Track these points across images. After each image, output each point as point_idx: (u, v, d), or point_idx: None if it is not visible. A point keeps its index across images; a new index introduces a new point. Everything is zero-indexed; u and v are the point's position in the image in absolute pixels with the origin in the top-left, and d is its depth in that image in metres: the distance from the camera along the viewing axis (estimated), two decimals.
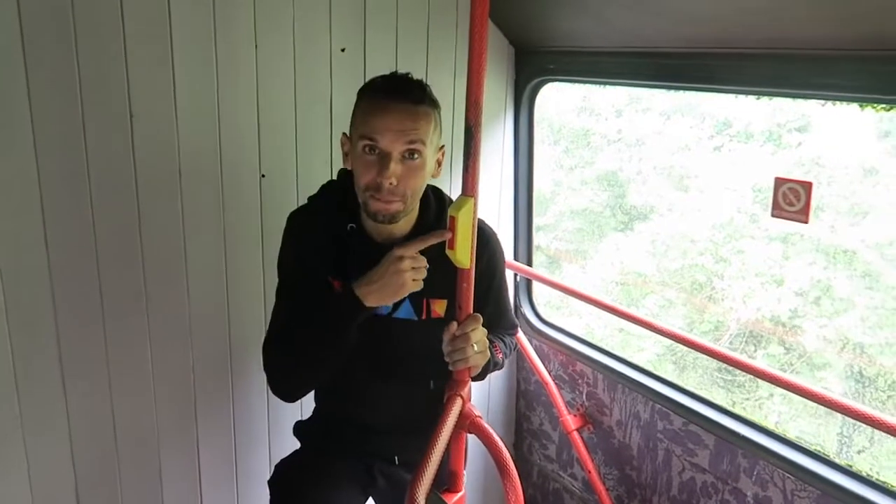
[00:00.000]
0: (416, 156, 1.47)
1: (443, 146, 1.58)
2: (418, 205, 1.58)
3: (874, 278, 3.54)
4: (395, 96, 1.45)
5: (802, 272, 3.80)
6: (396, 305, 1.61)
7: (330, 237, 1.60)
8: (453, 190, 2.26)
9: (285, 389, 1.64)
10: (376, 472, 1.76)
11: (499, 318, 1.78)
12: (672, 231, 4.65)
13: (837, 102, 1.79)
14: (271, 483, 1.76)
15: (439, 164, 1.58)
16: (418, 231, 1.58)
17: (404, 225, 1.59)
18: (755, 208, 4.26)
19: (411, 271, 1.46)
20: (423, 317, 1.63)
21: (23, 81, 1.64)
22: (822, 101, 2.02)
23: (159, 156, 1.86)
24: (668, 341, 4.40)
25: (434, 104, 1.52)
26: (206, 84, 1.88)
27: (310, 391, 1.73)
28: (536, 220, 2.66)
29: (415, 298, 1.59)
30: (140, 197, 1.85)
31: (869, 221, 3.50)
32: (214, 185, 1.96)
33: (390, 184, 1.45)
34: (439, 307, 1.64)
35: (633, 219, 4.97)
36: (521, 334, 2.56)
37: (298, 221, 1.66)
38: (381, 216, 1.49)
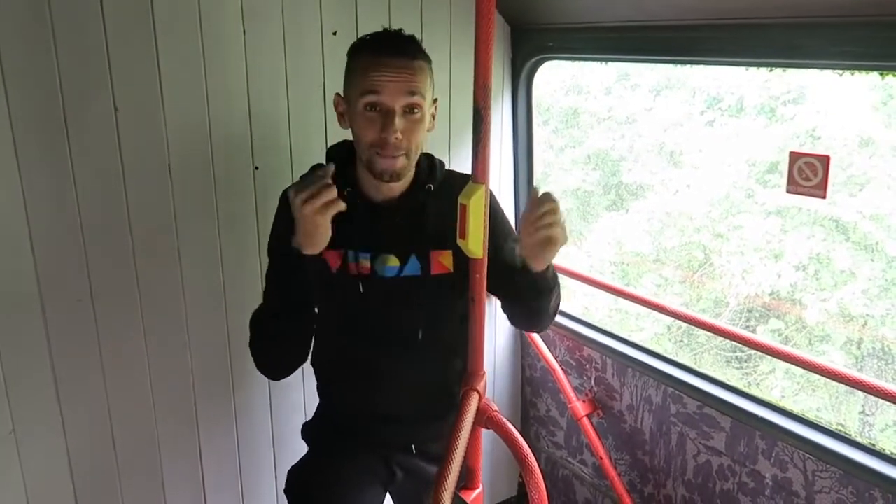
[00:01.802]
0: (416, 110, 1.48)
1: (436, 99, 1.58)
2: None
3: (875, 250, 3.53)
4: (391, 52, 1.45)
5: (801, 245, 3.78)
6: (404, 263, 1.59)
7: None
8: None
9: (264, 364, 1.64)
10: (394, 465, 1.73)
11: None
12: (667, 208, 4.61)
13: (856, 72, 1.73)
14: (287, 491, 1.71)
15: (433, 117, 1.58)
16: (413, 190, 1.60)
17: (402, 184, 1.59)
18: (750, 182, 4.22)
19: (316, 211, 1.36)
20: (430, 271, 1.61)
21: None
22: (841, 72, 1.96)
23: (147, 151, 1.77)
24: (667, 320, 4.39)
25: (427, 57, 1.52)
26: (193, 74, 1.79)
27: (293, 364, 1.66)
28: None
29: (421, 252, 1.60)
30: (129, 194, 1.76)
31: (867, 193, 3.48)
32: (206, 179, 1.88)
33: (396, 138, 1.45)
34: (445, 259, 1.62)
35: (627, 197, 4.92)
36: None
37: (288, 198, 1.60)
38: (387, 174, 1.50)
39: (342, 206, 1.40)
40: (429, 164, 1.65)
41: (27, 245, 1.65)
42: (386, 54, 1.44)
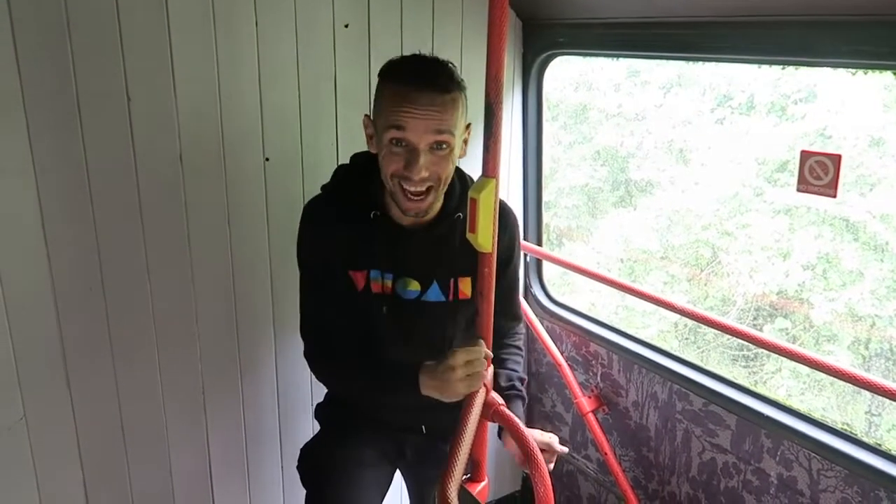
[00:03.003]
0: (444, 146, 1.43)
1: (469, 124, 1.53)
2: None
3: (884, 251, 3.51)
4: (421, 86, 1.39)
5: (809, 245, 3.76)
6: (425, 288, 1.60)
7: (350, 227, 1.56)
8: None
9: (323, 384, 1.71)
10: (405, 445, 1.77)
11: (508, 304, 1.77)
12: (675, 206, 4.59)
13: (870, 71, 1.72)
14: (300, 467, 1.77)
15: (465, 142, 1.54)
16: (444, 214, 1.58)
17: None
18: (759, 181, 4.20)
19: (465, 378, 1.42)
20: (451, 297, 1.62)
21: (13, 65, 1.55)
22: (854, 70, 1.95)
23: (159, 140, 1.78)
24: (673, 318, 4.38)
25: (461, 87, 1.46)
26: (205, 65, 1.80)
27: None
28: None
29: (443, 279, 1.60)
30: (140, 183, 1.78)
31: (877, 193, 3.46)
32: (217, 170, 1.89)
33: (421, 177, 1.42)
34: (465, 286, 1.63)
35: (635, 194, 4.91)
36: (532, 316, 2.52)
37: (314, 213, 1.61)
38: (411, 213, 1.48)
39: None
40: (461, 187, 1.61)
41: (39, 233, 1.67)
42: (415, 87, 1.38)
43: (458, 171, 1.64)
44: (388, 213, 1.56)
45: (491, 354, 1.47)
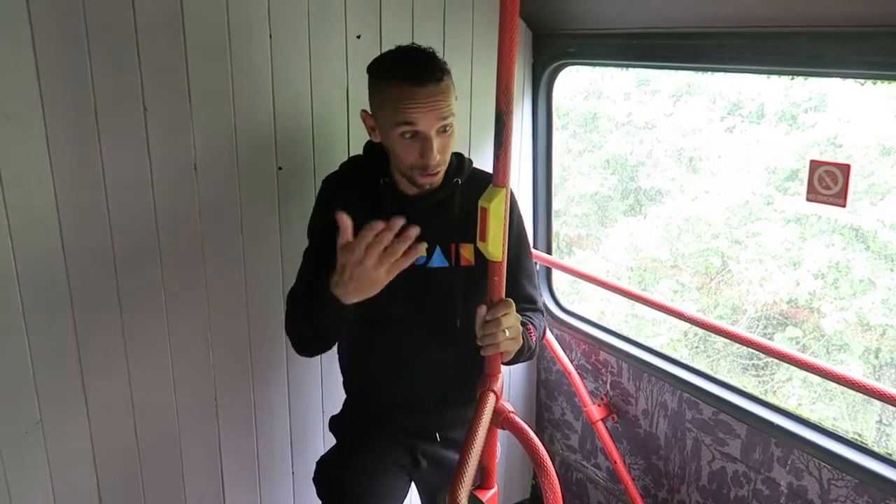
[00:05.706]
0: (448, 128, 1.55)
1: (456, 98, 1.63)
2: None
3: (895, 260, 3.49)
4: (422, 81, 1.49)
5: (820, 254, 3.75)
6: (429, 254, 1.67)
7: (360, 195, 1.66)
8: None
9: (298, 350, 1.71)
10: (419, 454, 1.79)
11: (521, 289, 1.76)
12: (685, 214, 4.59)
13: (878, 81, 1.73)
14: (316, 481, 1.79)
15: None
16: (444, 184, 1.67)
17: None
18: (769, 189, 4.19)
19: (376, 263, 1.38)
20: (453, 263, 1.69)
21: (33, 76, 1.58)
22: (863, 81, 1.96)
23: (174, 150, 1.81)
24: (683, 326, 4.37)
25: (448, 71, 1.57)
26: (220, 75, 1.83)
27: (324, 351, 1.73)
28: None
29: (445, 245, 1.67)
30: (155, 192, 1.80)
31: (888, 202, 3.45)
32: (231, 179, 1.91)
33: (436, 162, 1.53)
34: (467, 252, 1.69)
35: (645, 202, 4.91)
36: None
37: (330, 182, 1.75)
38: (426, 186, 1.59)
39: (414, 257, 1.40)
40: (458, 160, 1.72)
41: (58, 242, 1.69)
42: (417, 83, 1.48)
43: (456, 151, 1.73)
44: (395, 182, 1.66)
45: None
